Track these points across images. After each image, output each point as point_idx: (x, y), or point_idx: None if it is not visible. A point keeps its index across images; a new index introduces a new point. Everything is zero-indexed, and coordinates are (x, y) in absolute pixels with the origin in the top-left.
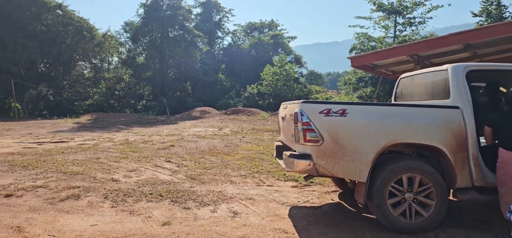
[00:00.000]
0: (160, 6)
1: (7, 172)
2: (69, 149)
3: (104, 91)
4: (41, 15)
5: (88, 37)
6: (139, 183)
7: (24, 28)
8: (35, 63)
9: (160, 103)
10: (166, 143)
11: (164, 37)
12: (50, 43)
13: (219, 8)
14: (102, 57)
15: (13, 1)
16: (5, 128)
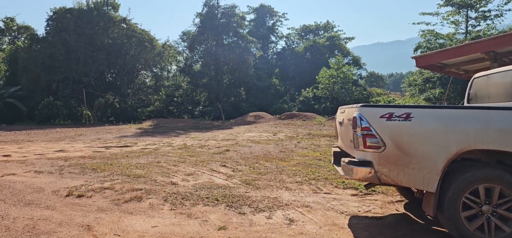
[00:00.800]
0: (215, 15)
1: (79, 174)
2: (133, 153)
3: (164, 98)
4: (108, 29)
5: (149, 48)
6: (196, 187)
7: (93, 42)
8: (103, 73)
9: (215, 109)
10: (222, 147)
11: (218, 45)
12: (116, 54)
13: (272, 13)
14: (162, 66)
15: (85, 18)
16: (78, 134)
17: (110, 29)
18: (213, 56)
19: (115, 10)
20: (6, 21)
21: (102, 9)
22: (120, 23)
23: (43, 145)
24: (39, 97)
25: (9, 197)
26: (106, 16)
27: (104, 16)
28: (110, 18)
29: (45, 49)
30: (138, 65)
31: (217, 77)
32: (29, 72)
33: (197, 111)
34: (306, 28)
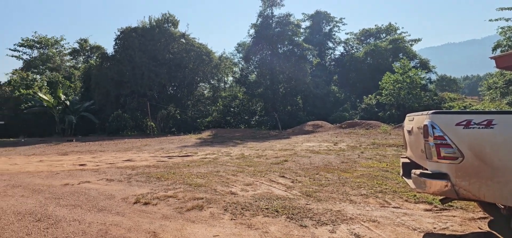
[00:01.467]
0: (270, 25)
1: (145, 182)
2: (193, 162)
3: (221, 108)
4: (169, 45)
5: (207, 60)
6: (255, 197)
7: (156, 57)
8: (165, 87)
9: (272, 118)
10: (279, 157)
11: (273, 54)
12: (176, 68)
13: (329, 19)
14: (219, 77)
15: (148, 36)
16: (143, 144)
17: (170, 45)
18: (268, 66)
19: (175, 26)
20: (81, 42)
21: (163, 26)
22: (180, 39)
23: (113, 155)
24: (109, 110)
25: (84, 203)
26: (167, 32)
27: (165, 32)
28: (170, 34)
29: (113, 66)
30: (196, 78)
31: (272, 86)
32: (101, 88)
33: (254, 120)
34: (366, 32)
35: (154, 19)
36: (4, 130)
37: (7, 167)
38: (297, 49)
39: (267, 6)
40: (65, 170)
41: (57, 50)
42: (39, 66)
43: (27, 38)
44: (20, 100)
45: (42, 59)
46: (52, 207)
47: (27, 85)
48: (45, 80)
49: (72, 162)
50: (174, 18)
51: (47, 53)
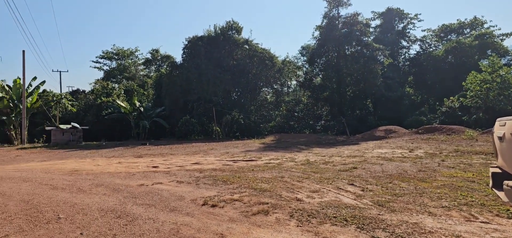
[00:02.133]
0: (336, 26)
1: (212, 185)
2: (258, 167)
3: (284, 113)
4: (233, 52)
5: (270, 65)
6: (322, 205)
7: (220, 64)
8: (229, 92)
9: (338, 123)
10: (348, 164)
11: (340, 56)
12: (240, 74)
13: (402, 16)
14: (282, 82)
15: (213, 43)
16: (210, 148)
17: (234, 51)
18: (335, 68)
19: (239, 33)
20: (153, 52)
21: (227, 33)
22: (243, 45)
23: (182, 158)
24: (178, 115)
25: (158, 203)
26: (231, 39)
27: (229, 39)
28: (234, 41)
29: (182, 74)
30: (259, 83)
31: (339, 90)
32: (170, 95)
33: (319, 125)
34: (446, 28)
35: (219, 27)
36: (89, 134)
37: (91, 168)
38: (366, 50)
39: (333, 6)
40: (140, 171)
41: (132, 60)
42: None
43: (107, 50)
44: (101, 107)
45: (120, 69)
46: (130, 205)
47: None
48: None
49: (146, 164)
50: (237, 25)
51: (123, 64)
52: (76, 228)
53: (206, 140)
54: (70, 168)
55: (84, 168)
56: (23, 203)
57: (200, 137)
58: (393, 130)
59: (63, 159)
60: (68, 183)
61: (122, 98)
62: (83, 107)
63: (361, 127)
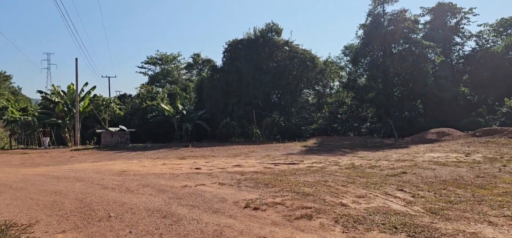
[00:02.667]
0: (381, 23)
1: (253, 188)
2: (299, 171)
3: (327, 115)
4: (273, 53)
5: (311, 66)
6: (369, 211)
7: (260, 66)
8: (269, 94)
9: (385, 125)
10: (396, 169)
11: (386, 55)
12: (280, 76)
13: (454, 10)
14: (324, 83)
15: (252, 46)
16: (250, 151)
17: (274, 53)
18: (380, 68)
19: (278, 35)
20: (194, 57)
21: (267, 35)
22: (283, 46)
23: (224, 160)
24: (219, 118)
25: (201, 204)
26: (271, 41)
27: (269, 41)
28: (274, 43)
29: (222, 77)
30: (300, 84)
31: (386, 90)
32: (211, 98)
33: (364, 128)
34: (505, 22)
35: (259, 30)
36: (135, 136)
37: (138, 169)
38: (415, 48)
39: (378, 4)
40: (184, 173)
41: (175, 65)
42: (161, 80)
43: (151, 56)
44: (146, 110)
45: (163, 74)
46: (174, 206)
47: (152, 97)
48: (165, 92)
49: (189, 165)
50: (277, 26)
51: (167, 68)
52: (126, 226)
53: (247, 142)
54: (118, 169)
55: (132, 169)
56: (77, 201)
57: (241, 140)
58: (446, 133)
59: (112, 160)
60: (117, 183)
61: (165, 101)
62: (130, 111)
63: (410, 130)
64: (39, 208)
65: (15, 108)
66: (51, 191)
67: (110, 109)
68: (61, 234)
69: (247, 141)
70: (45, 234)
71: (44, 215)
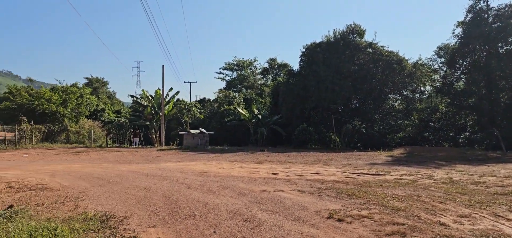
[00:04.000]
0: (484, 20)
1: (336, 198)
2: (387, 183)
3: (416, 123)
4: (354, 56)
5: (398, 69)
6: (475, 233)
7: (340, 70)
8: (350, 100)
9: (489, 136)
10: (507, 187)
11: (491, 55)
12: (361, 80)
13: None
14: (413, 87)
15: (332, 49)
16: (329, 158)
17: (355, 56)
18: (483, 70)
19: (361, 36)
20: (270, 61)
21: (348, 38)
22: (366, 49)
23: (301, 166)
24: (294, 123)
25: (281, 210)
26: (352, 44)
27: (350, 44)
28: (355, 45)
29: (299, 82)
30: (385, 89)
31: (490, 96)
32: (287, 103)
33: (462, 138)
34: None
35: (339, 32)
36: (213, 139)
37: (217, 170)
38: None
39: None
40: (261, 177)
41: (251, 70)
42: (237, 85)
43: (229, 62)
44: (224, 114)
45: (240, 79)
46: (255, 210)
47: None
48: (242, 97)
49: (266, 170)
50: (359, 28)
51: (243, 74)
52: (210, 226)
53: (324, 149)
54: (199, 169)
55: (211, 170)
56: (165, 199)
57: (317, 146)
58: None
59: (194, 161)
60: (199, 183)
61: (242, 106)
62: (209, 114)
63: None
64: (132, 202)
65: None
66: (142, 187)
67: (191, 113)
68: (152, 228)
69: (324, 148)
70: (139, 227)
71: (137, 209)
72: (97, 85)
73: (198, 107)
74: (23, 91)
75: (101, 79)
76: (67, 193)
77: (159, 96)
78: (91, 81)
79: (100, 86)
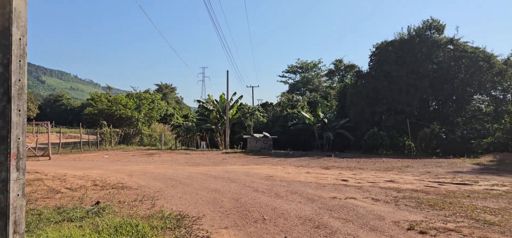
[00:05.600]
0: None
1: (415, 208)
2: (475, 193)
3: (508, 127)
4: (432, 54)
5: (485, 67)
6: None
7: (415, 70)
8: (427, 101)
9: None
10: None
11: None
12: (441, 80)
13: None
14: (504, 87)
15: (405, 47)
16: (404, 165)
17: (433, 54)
18: None
19: (440, 32)
20: (336, 63)
21: (425, 34)
22: (446, 45)
23: (373, 173)
24: (364, 127)
25: (355, 219)
26: (429, 41)
27: (427, 41)
28: (433, 42)
29: (368, 83)
30: (470, 89)
31: None
32: (355, 105)
33: None
34: None
35: (413, 28)
36: (276, 143)
37: (283, 175)
38: None
39: None
40: (330, 183)
41: (315, 72)
42: (301, 88)
43: (291, 65)
44: (287, 118)
45: (303, 82)
46: (326, 217)
47: (292, 105)
48: (306, 100)
49: (334, 176)
50: (438, 23)
51: (307, 76)
52: (280, 231)
53: (397, 155)
54: (265, 173)
55: (277, 174)
56: (234, 201)
57: (389, 152)
58: None
59: (258, 165)
60: (266, 187)
61: (306, 109)
62: (271, 118)
63: None
64: (203, 203)
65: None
66: (211, 188)
67: (254, 117)
68: (224, 229)
69: (397, 154)
70: (212, 227)
71: (208, 210)
72: (166, 91)
73: (261, 111)
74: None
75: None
76: (144, 192)
77: (224, 101)
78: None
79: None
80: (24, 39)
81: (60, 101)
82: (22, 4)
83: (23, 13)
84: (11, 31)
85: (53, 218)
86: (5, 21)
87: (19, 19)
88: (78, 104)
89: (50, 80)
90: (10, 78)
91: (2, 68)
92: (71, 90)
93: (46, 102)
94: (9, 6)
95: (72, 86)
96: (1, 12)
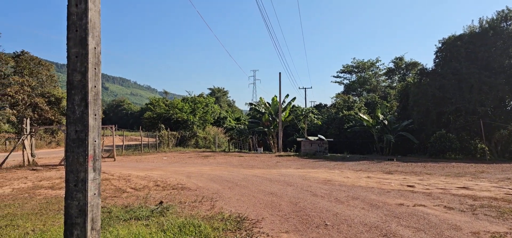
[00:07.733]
0: None
1: (497, 218)
2: None
3: None
4: (509, 48)
5: None
6: None
7: (489, 66)
8: (503, 100)
9: None
10: None
11: None
12: None
13: None
14: None
15: (477, 41)
16: (479, 171)
17: (511, 48)
18: None
19: None
20: (396, 61)
21: (500, 26)
22: None
23: (443, 179)
24: (429, 129)
25: (427, 228)
26: (505, 33)
27: (502, 33)
28: (510, 35)
29: (434, 82)
30: None
31: None
32: (419, 106)
33: None
34: None
35: (486, 20)
36: (331, 146)
37: (342, 179)
38: None
39: None
40: (394, 189)
41: (373, 72)
42: (357, 88)
43: (347, 64)
44: (343, 120)
45: (360, 82)
46: (394, 225)
47: (348, 106)
48: (363, 101)
49: (398, 182)
50: None
51: (363, 76)
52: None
53: (468, 160)
54: (322, 177)
55: (335, 178)
56: (292, 205)
57: (459, 156)
58: None
59: (314, 168)
60: (325, 192)
61: (363, 111)
62: (326, 120)
63: None
64: (261, 206)
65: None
66: (267, 191)
67: (308, 119)
68: (285, 234)
69: (468, 158)
70: (272, 231)
71: (267, 213)
72: (219, 95)
73: (315, 113)
74: (161, 102)
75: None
76: (203, 193)
77: (276, 103)
78: (213, 91)
79: (221, 95)
80: (99, 48)
81: (121, 106)
82: (96, 16)
83: (98, 24)
84: (88, 40)
85: (121, 216)
86: (82, 32)
87: (94, 30)
88: (138, 108)
89: (112, 86)
90: (87, 84)
91: (80, 75)
92: (131, 96)
93: (110, 107)
94: (86, 18)
95: (132, 92)
96: (78, 23)
